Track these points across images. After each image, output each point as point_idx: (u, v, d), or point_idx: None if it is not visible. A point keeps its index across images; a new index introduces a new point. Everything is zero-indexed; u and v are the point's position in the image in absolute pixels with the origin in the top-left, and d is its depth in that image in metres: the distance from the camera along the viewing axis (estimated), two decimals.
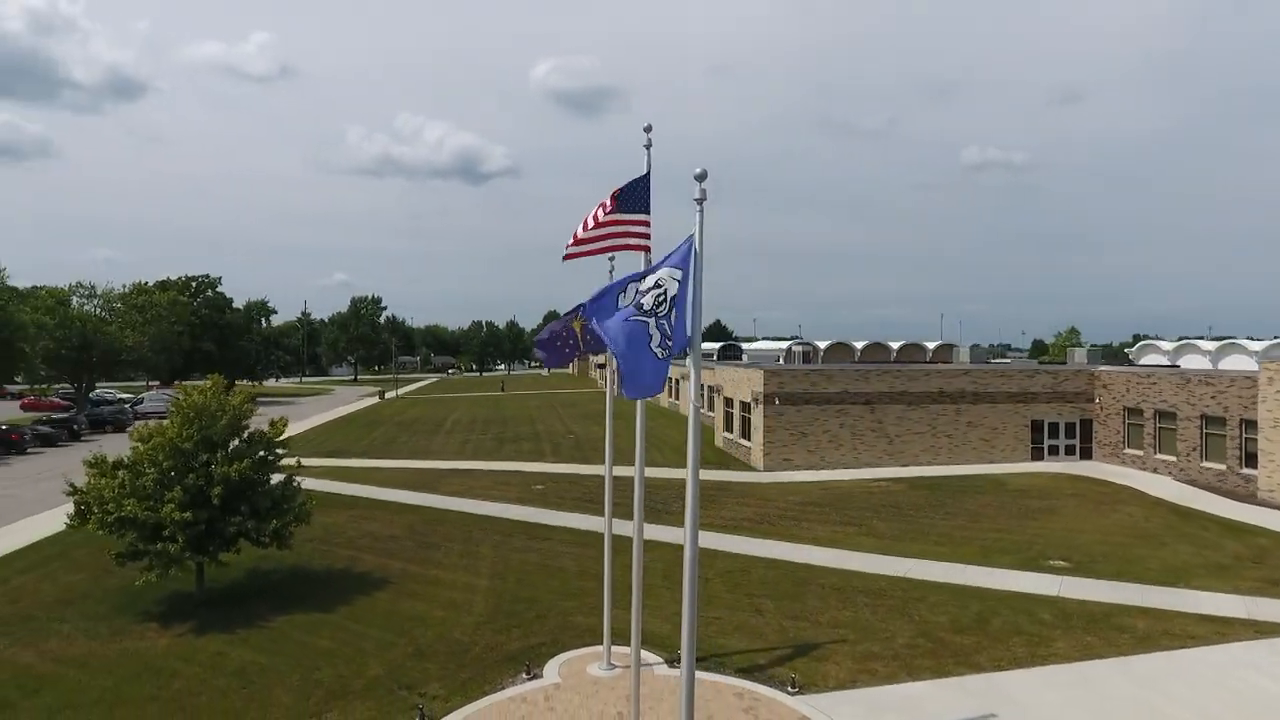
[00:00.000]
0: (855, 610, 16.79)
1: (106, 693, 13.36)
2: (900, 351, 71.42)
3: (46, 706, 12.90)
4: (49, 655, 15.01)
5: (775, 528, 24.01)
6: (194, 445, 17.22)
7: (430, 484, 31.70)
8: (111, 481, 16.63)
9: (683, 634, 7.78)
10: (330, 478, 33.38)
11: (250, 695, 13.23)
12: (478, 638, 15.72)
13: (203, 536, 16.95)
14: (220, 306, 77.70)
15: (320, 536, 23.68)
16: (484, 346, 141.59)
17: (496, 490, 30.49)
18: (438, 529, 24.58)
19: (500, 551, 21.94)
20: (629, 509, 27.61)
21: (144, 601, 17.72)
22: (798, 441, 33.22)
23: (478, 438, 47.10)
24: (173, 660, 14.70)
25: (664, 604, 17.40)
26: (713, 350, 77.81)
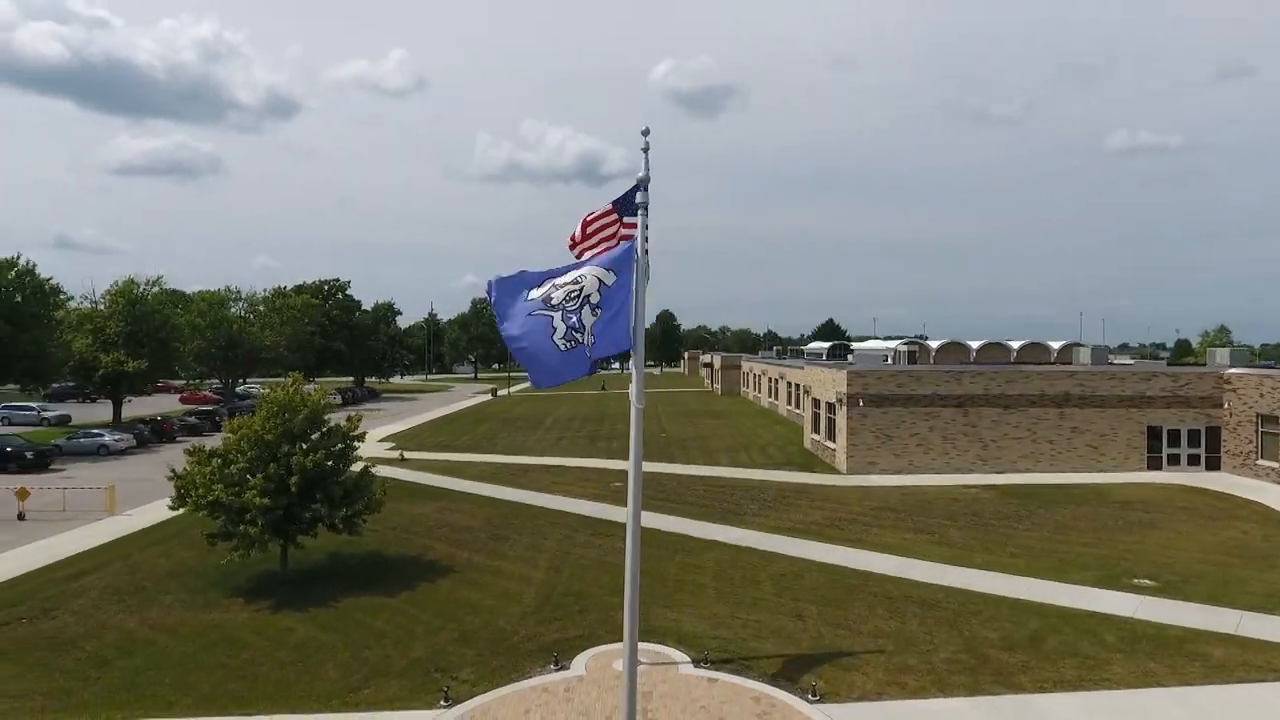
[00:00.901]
0: (902, 621, 16.24)
1: (185, 658, 14.90)
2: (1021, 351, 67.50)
3: (135, 667, 14.54)
4: (148, 622, 16.87)
5: (843, 532, 23.44)
6: (276, 437, 18.83)
7: (516, 479, 32.93)
8: (204, 469, 18.45)
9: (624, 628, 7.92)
10: (429, 470, 35.34)
11: (303, 668, 14.40)
12: (520, 627, 16.34)
13: (281, 521, 18.51)
14: (350, 308, 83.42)
15: (403, 525, 25.19)
16: None
17: (576, 486, 31.30)
18: (511, 522, 25.57)
19: (563, 546, 22.60)
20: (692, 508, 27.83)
21: (237, 579, 19.50)
22: (883, 445, 32.13)
23: (572, 435, 48.32)
24: (246, 632, 16.18)
25: (707, 603, 17.47)
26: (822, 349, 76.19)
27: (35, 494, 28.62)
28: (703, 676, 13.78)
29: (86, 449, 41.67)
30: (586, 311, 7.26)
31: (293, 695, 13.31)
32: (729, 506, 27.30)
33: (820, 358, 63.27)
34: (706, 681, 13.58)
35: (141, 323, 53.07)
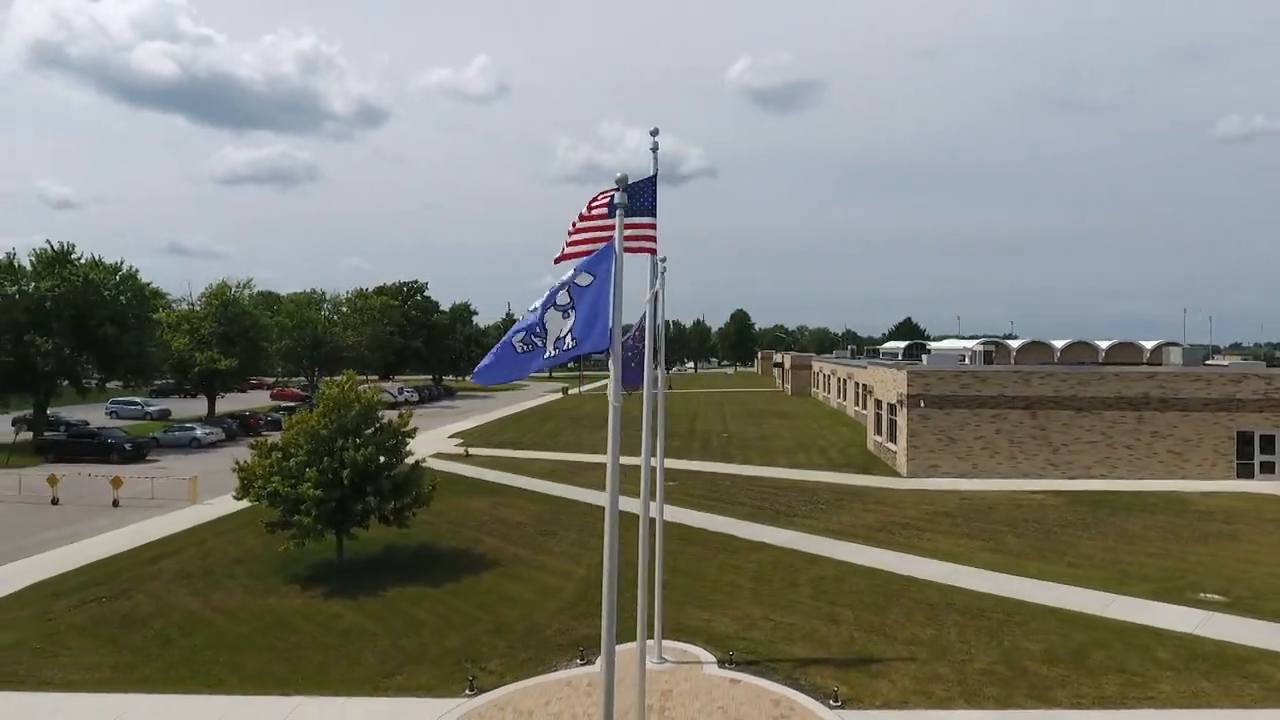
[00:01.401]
0: (940, 628, 15.77)
1: (240, 639, 15.82)
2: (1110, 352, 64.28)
3: (193, 645, 15.53)
4: (211, 604, 17.96)
5: (893, 537, 22.88)
6: (330, 432, 19.72)
7: (571, 476, 33.42)
8: (265, 461, 19.50)
9: (602, 630, 8.04)
10: (490, 466, 36.26)
11: (344, 653, 15.08)
12: (553, 621, 16.66)
13: (335, 513, 19.39)
14: (428, 309, 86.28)
15: (458, 519, 25.97)
16: (670, 345, 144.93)
17: (630, 485, 31.49)
18: (561, 518, 26.01)
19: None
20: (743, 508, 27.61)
21: (296, 567, 20.52)
22: (946, 447, 31.14)
23: (633, 434, 48.54)
24: (298, 617, 17.04)
25: (742, 604, 17.39)
26: (897, 349, 74.33)
27: (129, 483, 30.75)
28: (726, 677, 13.75)
29: (180, 442, 44.50)
30: (553, 316, 7.45)
31: (330, 678, 13.97)
32: (781, 508, 27.02)
33: (895, 358, 61.79)
34: (729, 682, 13.54)
35: (233, 323, 56.23)
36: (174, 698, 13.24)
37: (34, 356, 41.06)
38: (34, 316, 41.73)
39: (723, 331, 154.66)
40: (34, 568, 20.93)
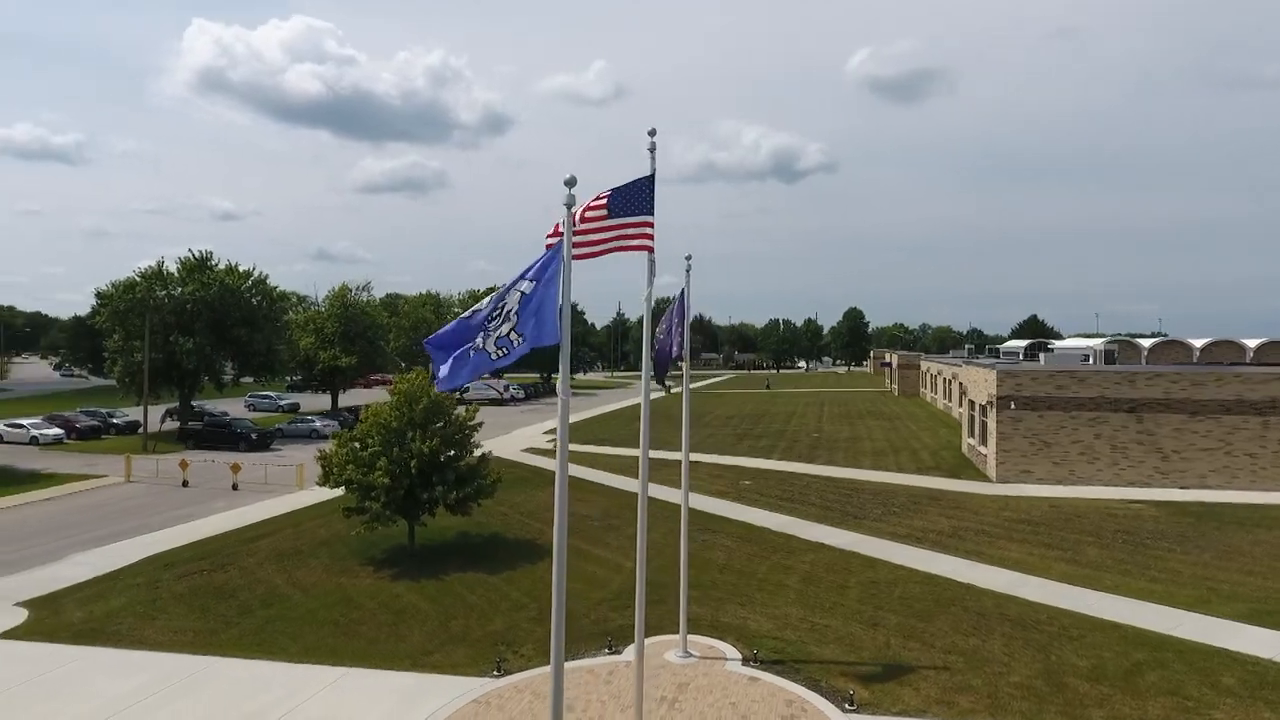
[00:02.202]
0: (984, 639, 15.11)
1: (308, 613, 17.22)
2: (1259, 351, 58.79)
3: (268, 616, 17.05)
4: (292, 580, 19.60)
5: (963, 543, 21.94)
6: (401, 424, 21.04)
7: (650, 472, 33.81)
8: (342, 450, 21.05)
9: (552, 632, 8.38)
10: (574, 461, 37.23)
11: (395, 631, 16.14)
12: (593, 611, 17.15)
13: (403, 500, 20.68)
14: None
15: (530, 511, 26.97)
16: (780, 344, 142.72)
17: (702, 483, 31.63)
18: (625, 513, 26.46)
19: (667, 538, 23.10)
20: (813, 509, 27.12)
21: (374, 550, 22.00)
22: (1039, 452, 29.36)
23: (723, 432, 48.54)
24: (363, 596, 18.33)
25: (782, 604, 17.27)
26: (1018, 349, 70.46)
27: (247, 469, 33.74)
28: (746, 675, 13.77)
29: (301, 432, 48.25)
30: (501, 323, 7.87)
31: (376, 653, 15.01)
32: (852, 510, 26.41)
33: (1016, 358, 58.70)
34: (747, 680, 13.57)
35: (352, 323, 60.31)
36: (238, 661, 14.64)
37: (178, 354, 45.70)
38: (178, 318, 46.44)
39: (835, 330, 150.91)
40: (154, 542, 23.44)
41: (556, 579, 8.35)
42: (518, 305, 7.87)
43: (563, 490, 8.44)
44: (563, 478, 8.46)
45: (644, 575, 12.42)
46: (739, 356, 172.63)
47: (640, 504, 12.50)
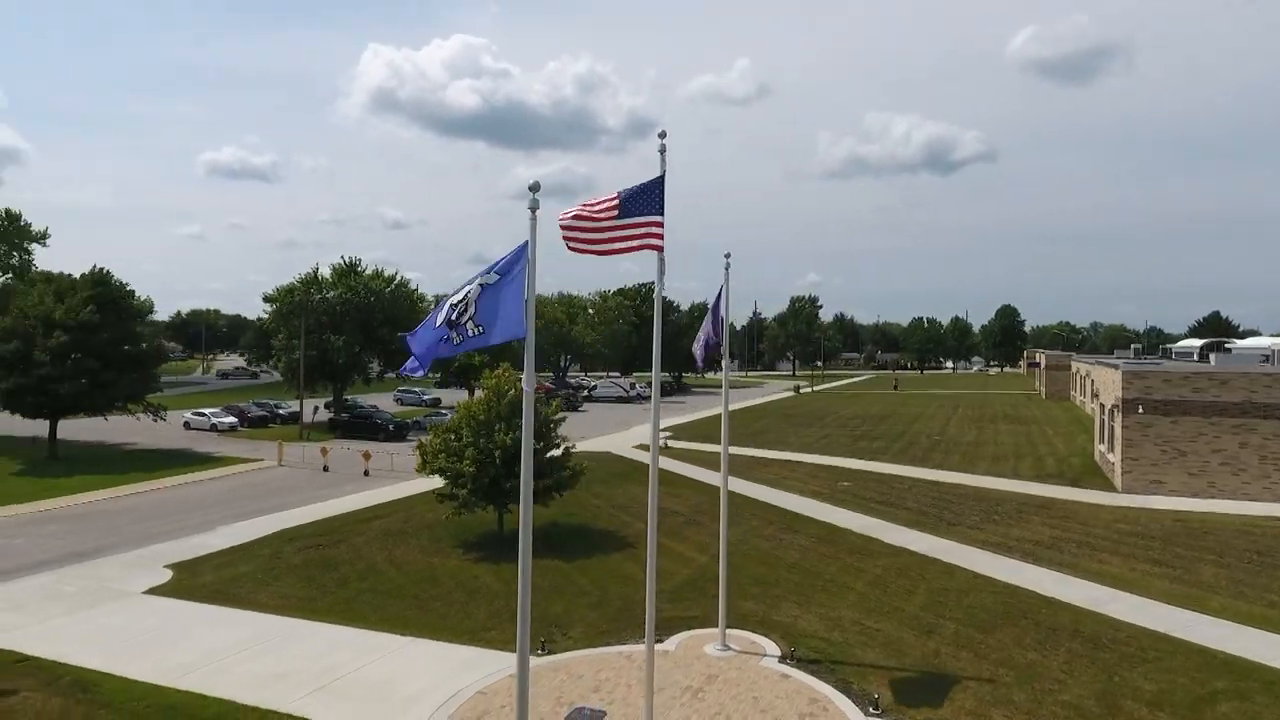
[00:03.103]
0: (1045, 654, 14.27)
1: (395, 588, 18.86)
2: None
3: (361, 589, 18.80)
4: (390, 558, 21.44)
5: (1059, 555, 20.55)
6: (487, 417, 22.46)
7: (750, 471, 33.83)
8: (436, 440, 22.76)
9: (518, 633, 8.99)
10: (681, 459, 37.79)
11: (463, 608, 17.39)
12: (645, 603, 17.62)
13: (489, 489, 22.06)
14: (666, 309, 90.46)
15: (622, 504, 27.81)
16: (924, 343, 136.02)
17: (799, 482, 31.27)
18: (714, 509, 26.61)
19: (745, 536, 23.22)
20: (906, 513, 26.18)
21: (469, 534, 23.57)
22: (1173, 461, 26.72)
23: (839, 433, 47.41)
24: (445, 575, 19.81)
25: (840, 606, 17.06)
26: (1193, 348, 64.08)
27: (380, 457, 36.83)
28: (778, 672, 13.82)
29: (437, 424, 51.78)
30: (463, 313, 8.54)
31: (442, 627, 16.27)
32: (949, 516, 25.30)
33: (1190, 358, 53.59)
34: (778, 677, 13.62)
35: None
36: (324, 625, 16.34)
37: (330, 352, 50.42)
38: (330, 319, 51.22)
39: (986, 330, 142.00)
40: (287, 519, 26.26)
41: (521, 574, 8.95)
42: (477, 296, 8.50)
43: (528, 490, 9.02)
44: (527, 478, 9.04)
45: (654, 572, 12.81)
46: (881, 356, 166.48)
47: (651, 498, 12.89)
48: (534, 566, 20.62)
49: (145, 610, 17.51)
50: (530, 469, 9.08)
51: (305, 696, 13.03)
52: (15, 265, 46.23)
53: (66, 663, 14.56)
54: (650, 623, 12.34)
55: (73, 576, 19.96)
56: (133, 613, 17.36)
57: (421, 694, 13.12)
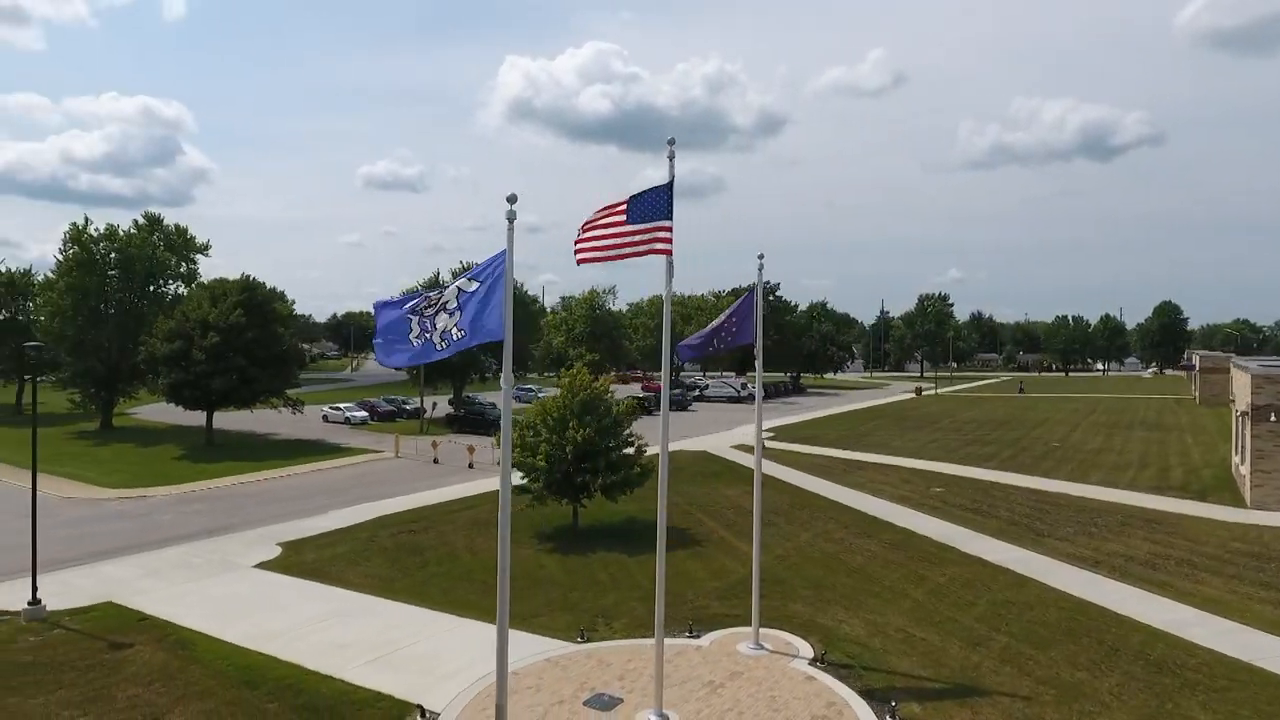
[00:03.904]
0: (1098, 675, 13.47)
1: (466, 574, 20.11)
2: None
3: (437, 573, 20.15)
4: (470, 546, 22.81)
5: (1152, 573, 19.06)
6: (562, 414, 23.43)
7: (840, 474, 33.20)
8: (513, 436, 23.96)
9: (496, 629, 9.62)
10: (775, 459, 37.50)
11: (523, 594, 18.26)
12: (700, 599, 17.97)
13: (560, 483, 23.03)
14: (779, 308, 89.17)
15: (702, 503, 28.10)
16: (1069, 343, 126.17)
17: (890, 487, 30.38)
18: (790, 511, 26.55)
19: (814, 538, 22.99)
20: (995, 523, 24.99)
21: (547, 526, 24.62)
22: None
23: (948, 438, 45.39)
24: (516, 564, 20.36)
25: (889, 614, 16.79)
26: None
27: (483, 451, 38.91)
28: (804, 673, 13.82)
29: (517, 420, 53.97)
30: (442, 316, 9.21)
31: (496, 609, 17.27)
32: (1041, 527, 23.93)
33: None
34: (803, 678, 13.62)
35: (598, 324, 65.76)
36: (394, 603, 17.76)
37: None
38: None
39: (1142, 328, 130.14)
40: (390, 506, 28.37)
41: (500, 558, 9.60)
42: (457, 301, 9.19)
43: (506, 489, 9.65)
44: (506, 479, 9.67)
45: (663, 569, 13.16)
46: (1022, 357, 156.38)
47: (660, 498, 13.24)
48: (598, 560, 21.55)
49: (252, 582, 19.65)
50: (509, 458, 9.71)
51: (361, 666, 14.34)
52: (184, 274, 52.15)
53: (177, 623, 16.67)
54: (659, 617, 12.72)
55: (202, 550, 22.61)
56: (241, 583, 19.53)
57: (459, 670, 14.11)
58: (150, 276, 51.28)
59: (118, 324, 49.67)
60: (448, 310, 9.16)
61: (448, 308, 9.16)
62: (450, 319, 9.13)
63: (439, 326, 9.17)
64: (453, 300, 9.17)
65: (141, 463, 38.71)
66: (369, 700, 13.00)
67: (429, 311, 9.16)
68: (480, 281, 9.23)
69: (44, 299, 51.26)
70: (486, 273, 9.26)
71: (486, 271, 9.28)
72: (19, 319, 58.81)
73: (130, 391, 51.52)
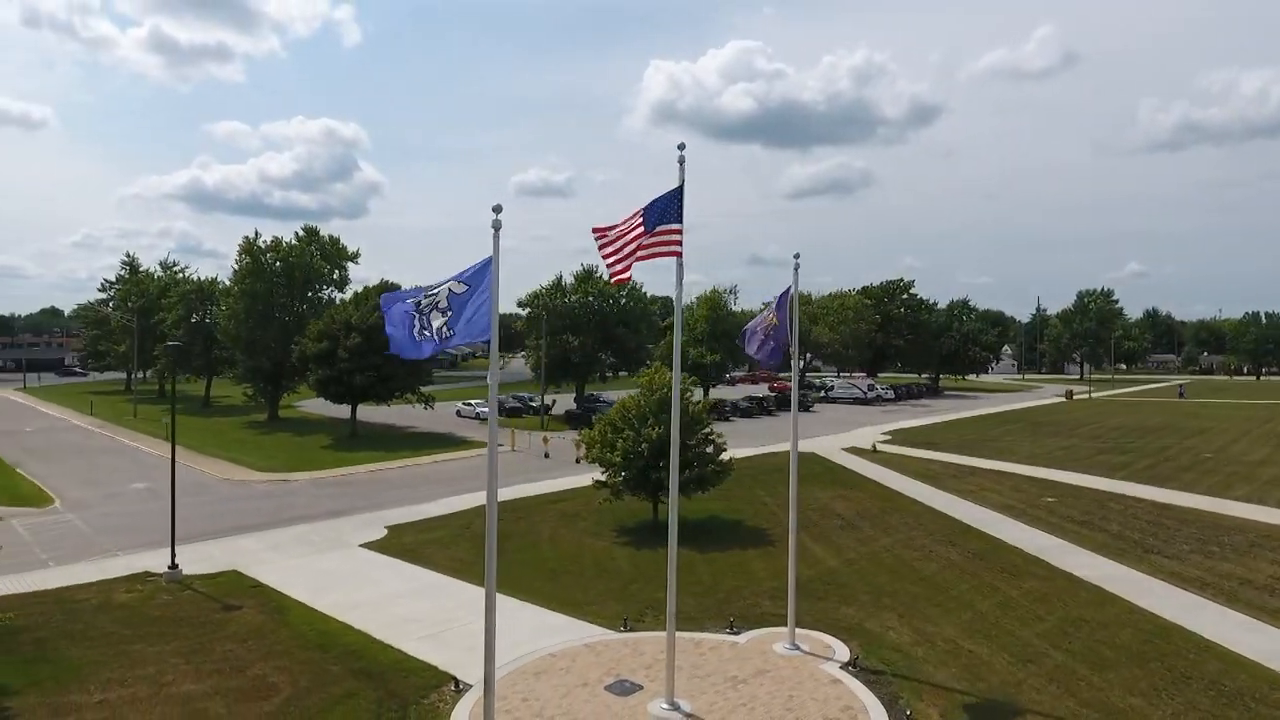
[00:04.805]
0: (1153, 702, 12.51)
1: (539, 560, 21.27)
2: None
3: (516, 560, 21.36)
4: (553, 536, 23.92)
5: (1265, 598, 17.22)
6: (639, 412, 24.13)
7: (946, 480, 31.78)
8: (591, 432, 24.92)
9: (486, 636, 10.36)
10: (880, 463, 36.45)
11: (586, 584, 19.21)
12: (753, 598, 18.09)
13: (636, 480, 23.71)
14: (916, 307, 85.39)
15: (780, 504, 27.77)
16: (1257, 343, 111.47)
17: (997, 495, 28.79)
18: (877, 515, 25.86)
19: (892, 543, 22.36)
20: (1103, 535, 23.30)
21: (630, 521, 25.33)
22: None
23: (1084, 445, 42.02)
24: (587, 554, 21.84)
25: (944, 624, 16.34)
26: None
27: None
28: (831, 675, 13.74)
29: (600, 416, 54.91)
30: (435, 314, 9.99)
31: (555, 596, 18.22)
32: (1152, 543, 22.02)
33: None
34: (828, 681, 13.56)
35: (719, 324, 65.84)
36: (466, 584, 19.12)
37: (569, 351, 55.70)
38: (571, 321, 56.54)
39: None
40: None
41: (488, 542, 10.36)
42: (447, 302, 9.98)
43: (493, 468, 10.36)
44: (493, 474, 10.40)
45: (674, 565, 13.47)
46: (1206, 358, 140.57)
47: (671, 497, 13.51)
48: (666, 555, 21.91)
49: (351, 560, 21.73)
50: (495, 447, 10.44)
51: (418, 639, 15.68)
52: (336, 280, 57.48)
53: (282, 591, 18.82)
54: (671, 610, 13.08)
55: (321, 529, 25.16)
56: (345, 560, 21.65)
57: (503, 648, 14.93)
58: (308, 283, 56.88)
59: (281, 326, 55.46)
60: (440, 309, 9.99)
61: (439, 307, 10.00)
62: (443, 318, 9.97)
63: (434, 325, 10.02)
64: (444, 300, 10.00)
65: (294, 450, 43.08)
66: (416, 669, 14.24)
67: (426, 308, 10.04)
68: (469, 285, 10.02)
69: (224, 304, 58.13)
70: (475, 277, 10.05)
71: (475, 276, 10.06)
72: (206, 322, 66.91)
73: (291, 387, 57.35)
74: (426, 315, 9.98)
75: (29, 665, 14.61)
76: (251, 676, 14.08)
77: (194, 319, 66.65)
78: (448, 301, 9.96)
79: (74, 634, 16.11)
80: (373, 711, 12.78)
